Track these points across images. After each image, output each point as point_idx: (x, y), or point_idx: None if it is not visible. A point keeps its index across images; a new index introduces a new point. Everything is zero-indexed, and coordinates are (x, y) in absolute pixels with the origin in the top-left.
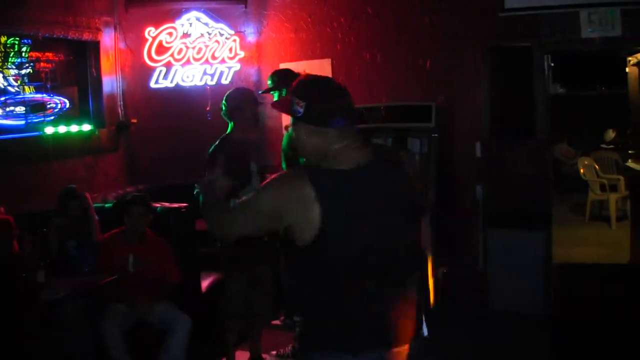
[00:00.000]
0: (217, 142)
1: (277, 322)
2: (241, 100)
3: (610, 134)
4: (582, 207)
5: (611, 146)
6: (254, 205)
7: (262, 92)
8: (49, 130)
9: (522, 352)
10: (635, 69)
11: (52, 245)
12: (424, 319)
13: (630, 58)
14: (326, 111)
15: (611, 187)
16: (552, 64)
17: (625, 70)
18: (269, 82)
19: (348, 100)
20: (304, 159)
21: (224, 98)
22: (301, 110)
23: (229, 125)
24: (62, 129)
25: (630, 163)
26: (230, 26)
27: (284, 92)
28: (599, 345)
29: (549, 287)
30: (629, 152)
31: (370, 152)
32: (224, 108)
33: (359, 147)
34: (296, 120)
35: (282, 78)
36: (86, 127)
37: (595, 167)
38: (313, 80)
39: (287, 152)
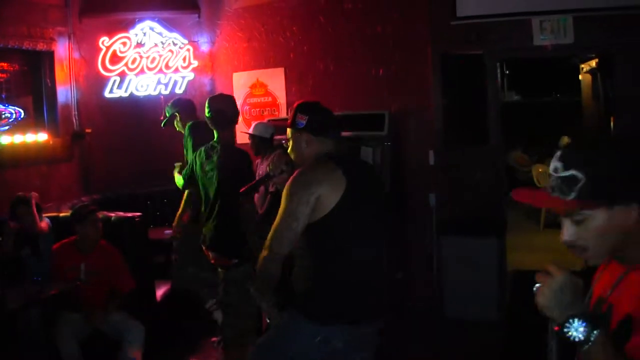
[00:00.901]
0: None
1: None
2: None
3: (565, 141)
4: (537, 214)
5: None
6: (296, 206)
7: (163, 125)
8: (3, 139)
9: (475, 358)
10: (588, 76)
11: (7, 253)
12: None
13: (582, 65)
14: (324, 123)
15: None
16: (507, 72)
17: (578, 77)
18: (166, 112)
19: (335, 117)
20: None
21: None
22: (303, 122)
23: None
24: (16, 138)
25: None
26: (184, 35)
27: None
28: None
29: (503, 293)
30: None
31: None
32: (208, 115)
33: (346, 152)
34: (298, 131)
35: (178, 106)
36: (41, 137)
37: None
38: (310, 102)
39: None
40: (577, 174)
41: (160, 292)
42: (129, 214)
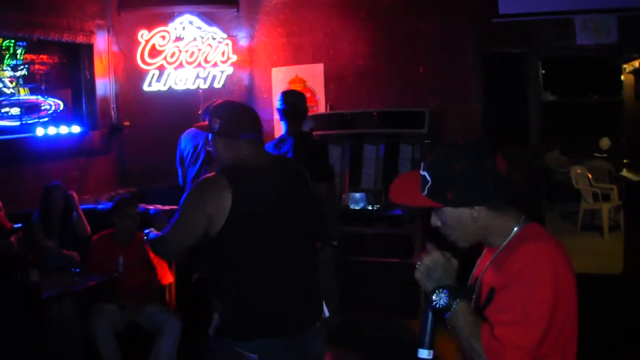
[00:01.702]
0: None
1: None
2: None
3: (606, 142)
4: (573, 215)
5: (604, 155)
6: (189, 215)
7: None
8: (42, 131)
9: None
10: (631, 76)
11: (39, 243)
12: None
13: (625, 65)
14: (238, 125)
15: (604, 197)
16: (543, 71)
17: (620, 77)
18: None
19: (255, 118)
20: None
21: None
22: (216, 126)
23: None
24: (55, 130)
25: (624, 172)
26: (223, 30)
27: None
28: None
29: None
30: (623, 161)
31: (273, 159)
32: (282, 107)
33: (264, 154)
34: (214, 135)
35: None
36: (79, 129)
37: (588, 176)
38: (225, 103)
39: None
40: (427, 176)
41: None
42: (167, 207)
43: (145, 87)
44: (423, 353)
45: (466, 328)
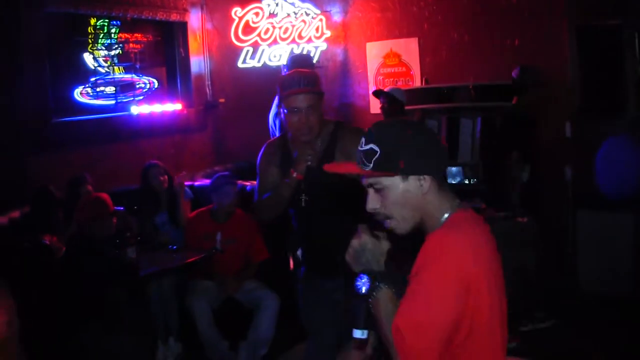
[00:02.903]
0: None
1: None
2: (305, 63)
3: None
4: None
5: None
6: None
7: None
8: (137, 109)
9: (613, 333)
10: None
11: (141, 221)
12: None
13: None
14: None
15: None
16: None
17: None
18: None
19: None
20: None
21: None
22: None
23: None
24: (150, 108)
25: None
26: (317, 6)
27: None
28: None
29: (638, 269)
30: None
31: None
32: (285, 67)
33: None
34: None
35: None
36: (174, 107)
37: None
38: None
39: None
40: (374, 147)
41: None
42: None
43: (240, 64)
44: (357, 333)
45: (384, 316)
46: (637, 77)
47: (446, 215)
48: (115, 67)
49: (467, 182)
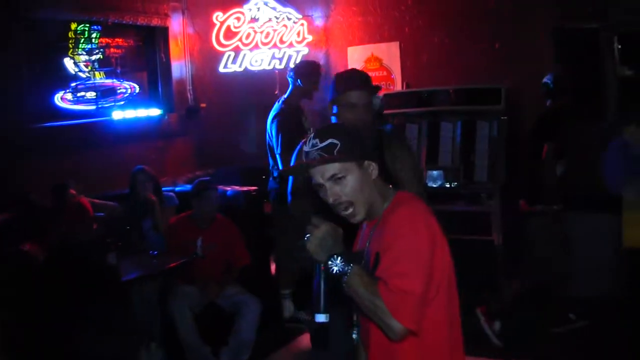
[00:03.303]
0: (282, 108)
1: None
2: (311, 69)
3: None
4: None
5: None
6: None
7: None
8: (119, 115)
9: (597, 336)
10: None
11: (126, 227)
12: None
13: None
14: None
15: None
16: (620, 46)
17: None
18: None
19: None
20: None
21: (297, 64)
22: None
23: (289, 89)
24: (132, 113)
25: None
26: (298, 10)
27: None
28: None
29: (620, 271)
30: None
31: None
32: (292, 72)
33: None
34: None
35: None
36: (156, 112)
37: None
38: None
39: None
40: (334, 141)
41: (275, 266)
42: (245, 188)
43: (221, 69)
44: (321, 317)
45: (364, 287)
46: (616, 80)
47: (391, 198)
48: (96, 72)
49: (447, 185)
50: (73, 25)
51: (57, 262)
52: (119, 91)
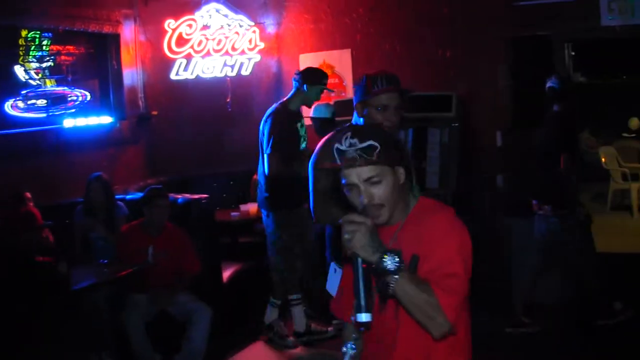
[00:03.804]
0: (278, 109)
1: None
2: (320, 77)
3: (635, 122)
4: (604, 196)
5: (633, 135)
6: None
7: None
8: (70, 122)
9: (548, 343)
10: None
11: (77, 236)
12: None
13: None
14: None
15: (633, 176)
16: (573, 53)
17: None
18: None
19: None
20: None
21: (304, 69)
22: None
23: (291, 92)
24: (83, 121)
25: None
26: (250, 17)
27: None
28: (624, 336)
29: (571, 276)
30: None
31: None
32: (298, 76)
33: None
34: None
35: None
36: (107, 120)
37: (617, 156)
38: None
39: None
40: (374, 143)
41: (227, 274)
42: (196, 196)
43: (173, 76)
44: (363, 317)
45: (416, 284)
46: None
47: (413, 202)
48: (47, 80)
49: None
50: (23, 32)
51: (4, 271)
52: (70, 99)
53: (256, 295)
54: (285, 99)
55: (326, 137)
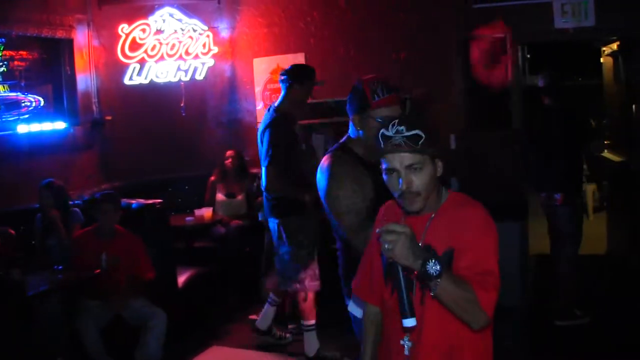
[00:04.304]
0: (272, 114)
1: (254, 316)
2: (308, 72)
3: (591, 124)
4: None
5: None
6: None
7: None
8: (23, 128)
9: (500, 344)
10: (610, 59)
11: (36, 242)
12: None
13: (604, 48)
14: None
15: (588, 178)
16: (529, 56)
17: (600, 60)
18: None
19: None
20: None
21: (290, 67)
22: None
23: (281, 95)
24: (37, 127)
25: (606, 153)
26: (204, 22)
27: None
28: (576, 335)
29: (525, 278)
30: (605, 142)
31: None
32: (285, 76)
33: None
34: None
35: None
36: (61, 125)
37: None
38: None
39: None
40: (420, 133)
41: (181, 279)
42: (150, 201)
43: (127, 81)
44: (409, 322)
45: (456, 285)
46: (521, 90)
47: (445, 196)
48: (0, 86)
49: None
50: None
51: None
52: (23, 104)
53: (211, 301)
54: (276, 104)
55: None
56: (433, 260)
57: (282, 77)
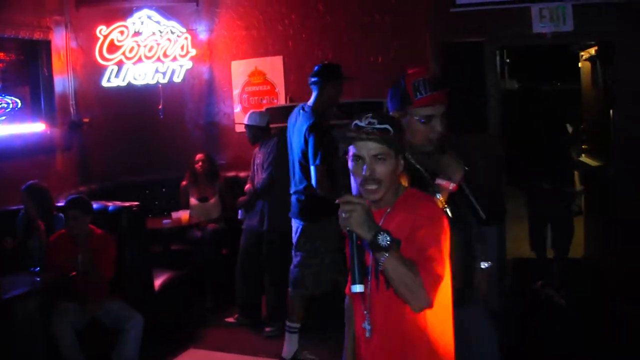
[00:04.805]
0: (310, 114)
1: (231, 319)
2: (338, 71)
3: (568, 129)
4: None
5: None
6: None
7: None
8: (0, 130)
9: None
10: (588, 63)
11: (16, 242)
12: None
13: (582, 53)
14: None
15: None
16: (508, 60)
17: (578, 65)
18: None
19: None
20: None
21: (317, 67)
22: None
23: (313, 96)
24: (14, 128)
25: (584, 158)
26: (182, 24)
27: None
28: (553, 341)
29: (503, 282)
30: (583, 147)
31: None
32: (316, 77)
33: None
34: None
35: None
36: (38, 127)
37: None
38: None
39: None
40: (389, 128)
41: (158, 282)
42: (127, 204)
43: (104, 83)
44: (357, 288)
45: (404, 263)
46: (498, 94)
47: (401, 191)
48: None
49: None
50: None
51: None
52: (0, 106)
53: (188, 303)
54: (310, 104)
55: None
56: (384, 234)
57: (314, 79)
